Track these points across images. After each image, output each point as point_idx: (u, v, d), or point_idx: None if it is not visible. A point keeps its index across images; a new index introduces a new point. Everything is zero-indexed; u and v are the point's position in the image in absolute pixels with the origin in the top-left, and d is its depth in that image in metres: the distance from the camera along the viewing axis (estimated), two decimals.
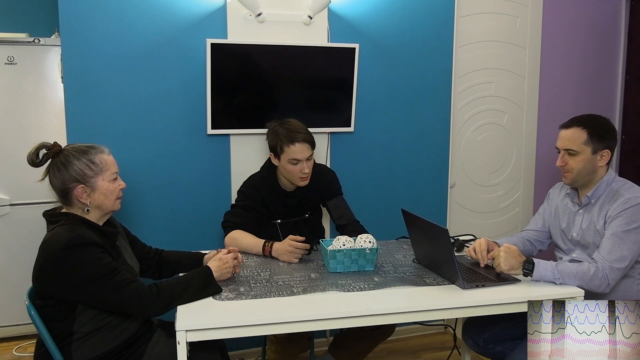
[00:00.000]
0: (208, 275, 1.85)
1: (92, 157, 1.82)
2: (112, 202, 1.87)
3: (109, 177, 1.85)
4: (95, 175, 1.82)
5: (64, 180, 1.80)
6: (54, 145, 1.84)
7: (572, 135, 2.07)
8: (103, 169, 1.84)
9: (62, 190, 1.81)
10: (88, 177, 1.81)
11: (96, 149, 1.86)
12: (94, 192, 1.82)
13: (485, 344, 2.26)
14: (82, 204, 1.82)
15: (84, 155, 1.82)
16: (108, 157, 1.87)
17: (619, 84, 3.63)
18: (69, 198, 1.82)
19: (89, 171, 1.81)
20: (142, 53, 2.59)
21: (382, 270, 2.08)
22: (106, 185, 1.84)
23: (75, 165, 1.80)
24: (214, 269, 1.88)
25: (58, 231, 1.74)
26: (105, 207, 1.86)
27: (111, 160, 1.88)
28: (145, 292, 1.73)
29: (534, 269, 1.91)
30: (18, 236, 3.21)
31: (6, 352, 3.15)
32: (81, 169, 1.80)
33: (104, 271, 1.70)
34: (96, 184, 1.82)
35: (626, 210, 1.97)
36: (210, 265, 1.90)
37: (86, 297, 1.72)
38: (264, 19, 2.69)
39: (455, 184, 3.31)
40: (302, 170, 2.33)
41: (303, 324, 1.70)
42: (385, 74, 3.00)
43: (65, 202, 1.84)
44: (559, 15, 3.42)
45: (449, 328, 3.30)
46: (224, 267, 1.92)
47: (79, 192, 1.80)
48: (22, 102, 3.16)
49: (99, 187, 1.82)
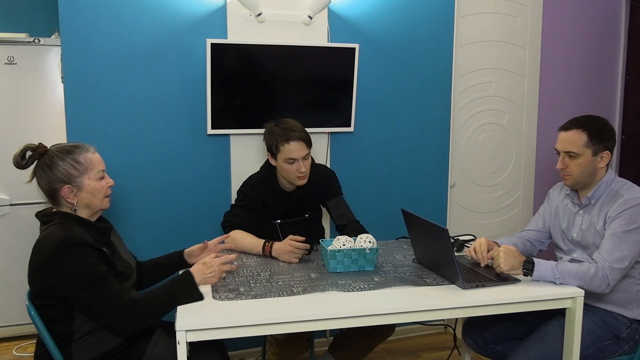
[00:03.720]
0: (190, 283, 1.79)
1: (76, 157, 1.81)
2: (100, 200, 1.86)
3: (95, 176, 1.84)
4: (80, 174, 1.81)
5: (50, 181, 1.79)
6: (39, 147, 1.83)
7: (572, 137, 2.06)
8: (88, 168, 1.83)
9: (49, 191, 1.81)
10: (74, 177, 1.80)
11: (80, 148, 1.85)
12: (81, 191, 1.82)
13: (485, 344, 2.26)
14: (69, 204, 1.82)
15: (68, 155, 1.81)
16: (93, 156, 1.86)
17: (619, 84, 3.63)
18: (56, 198, 1.82)
19: (74, 171, 1.80)
20: (142, 53, 2.59)
21: (382, 270, 2.08)
22: (93, 184, 1.83)
23: (60, 166, 1.79)
24: (196, 273, 1.82)
25: (51, 231, 1.74)
26: (94, 205, 1.85)
27: (97, 159, 1.87)
28: (127, 310, 1.69)
29: (534, 269, 1.91)
30: (18, 236, 3.21)
31: (6, 352, 3.15)
32: (66, 169, 1.79)
33: (92, 281, 1.68)
34: (82, 184, 1.81)
35: (626, 210, 1.97)
36: (193, 270, 1.85)
37: (73, 300, 1.72)
38: (264, 19, 2.69)
39: (455, 184, 3.31)
40: (298, 170, 2.33)
41: (303, 324, 1.70)
42: (385, 74, 3.00)
43: (54, 202, 1.84)
44: (559, 15, 3.42)
45: (449, 328, 3.30)
46: (208, 272, 1.85)
47: (65, 192, 1.80)
48: (22, 102, 3.16)
49: (86, 186, 1.82)
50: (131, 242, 2.46)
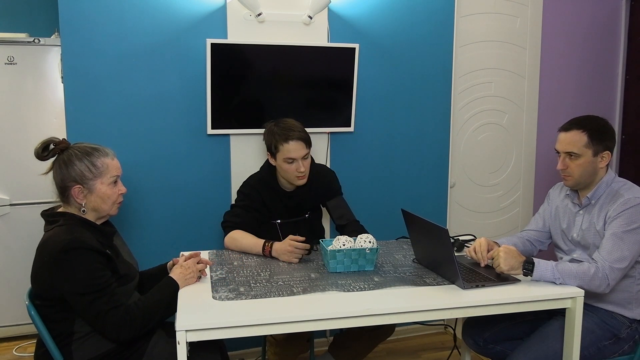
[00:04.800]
0: (173, 287, 1.85)
1: (94, 160, 1.83)
2: (109, 206, 1.87)
3: (107, 181, 1.84)
4: (94, 177, 1.82)
5: (63, 179, 1.81)
6: (62, 142, 1.85)
7: (573, 138, 2.06)
8: (103, 172, 1.83)
9: (61, 187, 1.82)
10: (87, 179, 1.81)
11: (100, 151, 1.86)
12: (91, 194, 1.82)
13: (485, 344, 2.26)
14: (78, 204, 1.82)
15: (87, 157, 1.82)
16: (111, 162, 1.87)
17: (619, 84, 3.63)
18: (66, 196, 1.83)
19: (88, 173, 1.81)
20: (142, 53, 2.59)
21: (382, 270, 2.08)
22: (104, 189, 1.84)
23: (76, 166, 1.80)
24: (177, 277, 1.89)
25: (56, 232, 1.75)
26: (102, 210, 1.86)
27: (114, 165, 1.88)
28: (123, 321, 1.71)
29: (533, 269, 1.91)
30: (18, 236, 3.21)
31: (6, 352, 3.15)
32: (81, 170, 1.80)
33: (94, 287, 1.69)
34: (94, 187, 1.82)
35: (626, 210, 1.97)
36: (173, 274, 1.90)
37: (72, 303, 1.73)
38: (264, 19, 2.69)
39: (455, 184, 3.31)
40: (297, 169, 2.33)
41: (303, 324, 1.70)
42: (385, 74, 3.00)
43: (63, 199, 1.84)
44: (559, 15, 3.42)
45: (449, 328, 3.30)
46: (188, 274, 1.92)
47: (75, 192, 1.81)
48: (22, 102, 3.16)
49: (97, 191, 1.83)
50: (131, 242, 2.46)
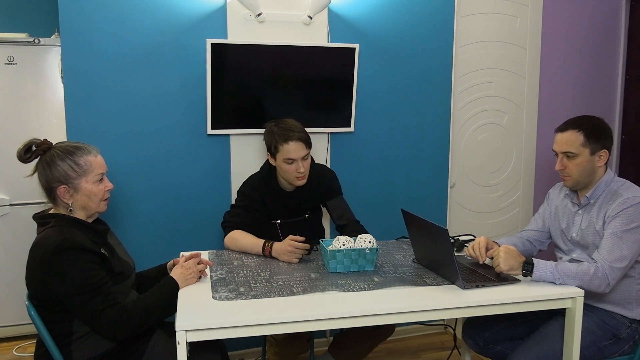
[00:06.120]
0: (173, 287, 1.85)
1: (76, 159, 1.81)
2: (97, 203, 1.86)
3: (93, 179, 1.83)
4: (78, 176, 1.81)
5: (48, 180, 1.80)
6: (44, 142, 1.83)
7: (569, 137, 2.07)
8: (87, 170, 1.82)
9: (46, 189, 1.82)
10: (71, 178, 1.80)
11: (82, 149, 1.84)
12: (77, 193, 1.81)
13: (485, 344, 2.26)
14: (65, 204, 1.82)
15: (69, 156, 1.80)
16: (95, 159, 1.85)
17: (619, 84, 3.63)
18: (53, 196, 1.82)
19: (72, 172, 1.80)
20: (142, 53, 2.59)
21: (382, 270, 2.08)
22: (90, 187, 1.82)
23: (59, 166, 1.79)
24: (177, 277, 1.88)
25: (48, 234, 1.74)
26: (90, 208, 1.85)
27: (98, 162, 1.86)
28: (119, 320, 1.70)
29: (533, 269, 1.91)
30: (18, 236, 3.21)
31: (6, 352, 3.15)
32: (65, 170, 1.79)
33: (88, 287, 1.68)
34: (79, 186, 1.81)
35: (625, 210, 1.97)
36: (174, 274, 1.90)
37: (67, 304, 1.72)
38: (264, 19, 2.69)
39: (455, 184, 3.31)
40: (297, 170, 2.33)
41: (303, 324, 1.70)
42: (385, 74, 3.00)
43: (51, 200, 1.84)
44: (559, 15, 3.42)
45: (449, 328, 3.30)
46: (188, 274, 1.92)
47: (61, 192, 1.80)
48: (22, 102, 3.16)
49: (82, 189, 1.81)
50: (131, 242, 2.47)
